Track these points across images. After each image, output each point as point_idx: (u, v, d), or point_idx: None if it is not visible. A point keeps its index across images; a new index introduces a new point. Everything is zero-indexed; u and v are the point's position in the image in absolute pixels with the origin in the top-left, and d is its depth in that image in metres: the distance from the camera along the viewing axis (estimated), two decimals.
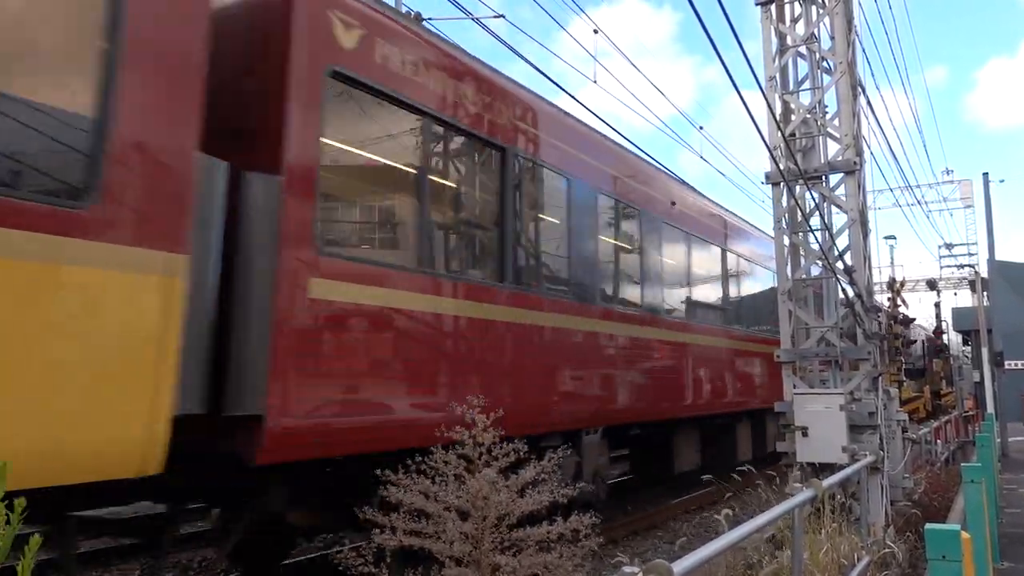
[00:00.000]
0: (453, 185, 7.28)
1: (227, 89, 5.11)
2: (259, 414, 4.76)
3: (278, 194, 5.01)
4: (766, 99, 8.11)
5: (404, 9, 9.53)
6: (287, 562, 7.36)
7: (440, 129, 6.89)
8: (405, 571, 4.79)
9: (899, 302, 27.20)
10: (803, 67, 9.73)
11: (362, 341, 5.62)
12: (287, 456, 4.99)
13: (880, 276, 30.91)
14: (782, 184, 9.15)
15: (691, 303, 11.71)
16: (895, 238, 37.53)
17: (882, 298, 26.54)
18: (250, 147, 5.18)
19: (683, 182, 12.03)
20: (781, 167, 8.88)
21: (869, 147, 11.81)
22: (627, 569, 2.69)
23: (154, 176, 4.13)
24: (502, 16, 10.80)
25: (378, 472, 4.77)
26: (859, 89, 9.72)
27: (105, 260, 3.84)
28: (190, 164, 4.32)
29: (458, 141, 7.24)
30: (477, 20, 10.42)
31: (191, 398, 4.34)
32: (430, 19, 11.29)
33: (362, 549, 4.52)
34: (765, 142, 7.40)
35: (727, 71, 4.07)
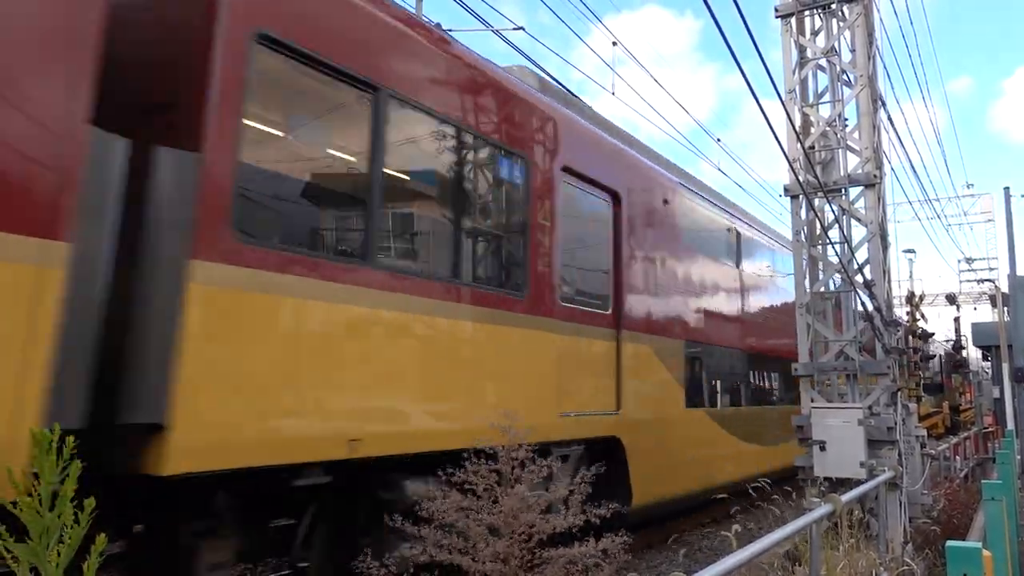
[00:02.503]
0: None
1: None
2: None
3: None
4: (786, 111, 8.10)
5: (425, 19, 9.60)
6: None
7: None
8: None
9: (918, 316, 26.96)
10: (823, 79, 9.72)
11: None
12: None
13: (899, 290, 30.68)
14: (801, 197, 9.11)
15: None
16: (914, 252, 37.32)
17: (901, 312, 26.32)
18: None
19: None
20: (800, 179, 8.85)
21: (889, 160, 11.78)
22: None
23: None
24: (521, 28, 10.85)
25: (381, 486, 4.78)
26: (879, 102, 9.69)
27: None
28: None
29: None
30: (497, 32, 10.48)
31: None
32: (450, 30, 11.35)
33: (385, 560, 4.51)
34: (785, 154, 7.39)
35: (748, 83, 4.07)
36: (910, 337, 24.05)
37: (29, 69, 3.64)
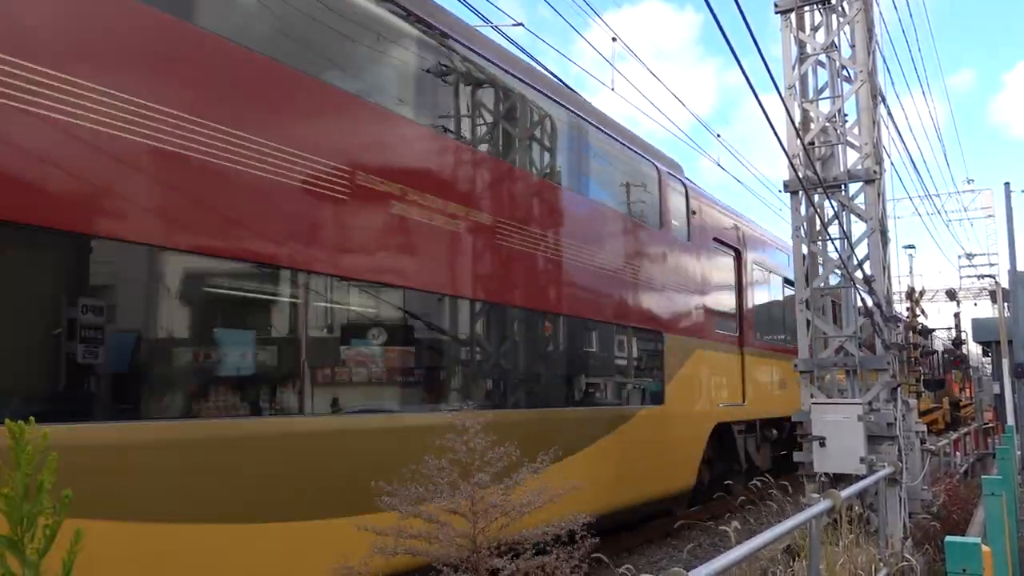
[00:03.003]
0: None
1: None
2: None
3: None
4: (786, 108, 8.10)
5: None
6: None
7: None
8: None
9: (918, 312, 26.96)
10: (823, 75, 9.70)
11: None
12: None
13: (899, 286, 30.68)
14: (800, 193, 9.11)
15: None
16: (915, 247, 37.32)
17: (901, 308, 26.33)
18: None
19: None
20: (800, 176, 8.84)
21: (889, 155, 11.76)
22: None
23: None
24: (521, 24, 10.82)
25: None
26: (879, 97, 9.67)
27: None
28: None
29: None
30: (497, 28, 10.43)
31: None
32: None
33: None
34: (784, 150, 7.38)
35: (747, 79, 4.06)
36: (910, 333, 24.10)
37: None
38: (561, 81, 10.16)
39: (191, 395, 5.23)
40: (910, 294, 27.85)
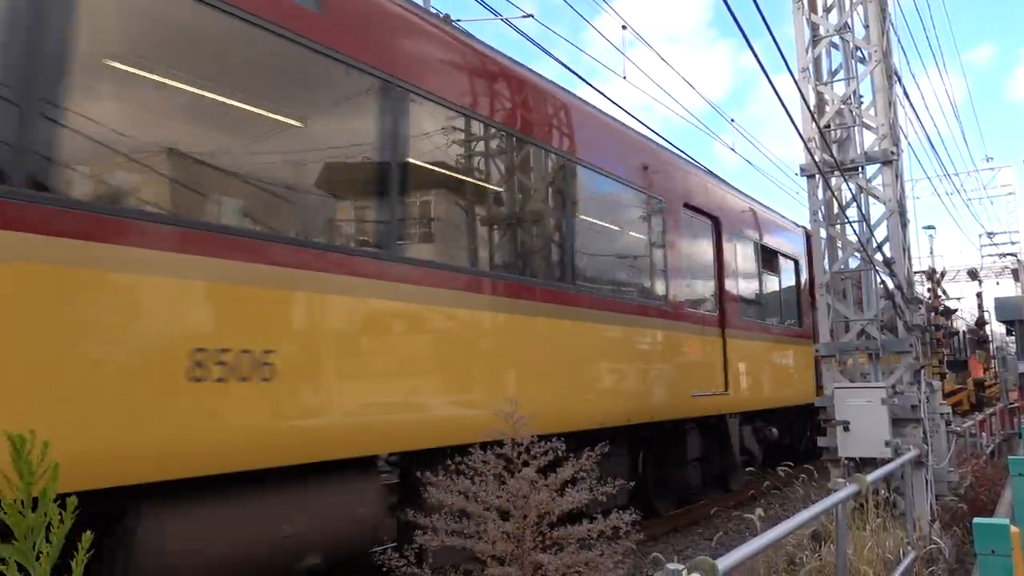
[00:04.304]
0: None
1: None
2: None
3: None
4: (800, 91, 8.03)
5: (433, 10, 9.58)
6: None
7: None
8: (448, 571, 4.82)
9: (940, 293, 26.71)
10: (836, 57, 9.61)
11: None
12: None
13: (920, 267, 30.39)
14: (817, 176, 9.04)
15: None
16: (934, 228, 36.88)
17: (922, 289, 26.08)
18: None
19: None
20: (816, 159, 8.78)
21: (906, 136, 11.62)
22: (671, 566, 2.70)
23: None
24: (531, 16, 10.80)
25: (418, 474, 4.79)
26: (895, 78, 9.58)
27: None
28: None
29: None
30: (507, 20, 10.44)
31: None
32: (459, 20, 11.32)
33: (404, 550, 4.56)
34: (800, 134, 7.32)
35: (760, 64, 4.04)
36: (932, 314, 23.88)
37: None
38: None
39: None
40: (931, 275, 27.60)
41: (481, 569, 4.44)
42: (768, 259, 13.90)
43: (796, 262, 15.24)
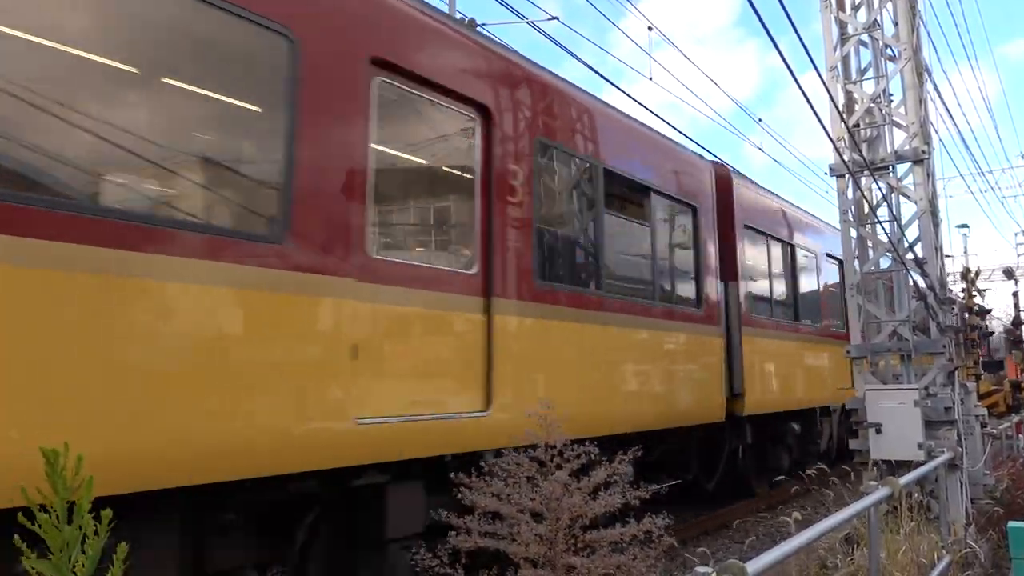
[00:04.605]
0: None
1: None
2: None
3: None
4: (828, 91, 7.95)
5: (459, 15, 9.63)
6: None
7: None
8: (480, 572, 4.85)
9: (974, 292, 26.27)
10: (866, 55, 9.51)
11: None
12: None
13: (953, 266, 29.92)
14: (847, 176, 8.95)
15: None
16: (968, 226, 36.29)
17: (956, 289, 25.67)
18: None
19: None
20: (845, 158, 8.69)
21: (938, 133, 11.48)
22: (700, 569, 2.70)
23: None
24: (556, 19, 10.81)
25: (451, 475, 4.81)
26: (925, 75, 9.46)
27: None
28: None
29: None
30: (532, 23, 10.44)
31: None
32: (484, 24, 11.36)
33: (438, 550, 4.59)
34: (828, 134, 7.26)
35: (787, 65, 4.02)
36: (966, 314, 23.48)
37: None
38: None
39: None
40: (965, 275, 27.16)
41: (514, 571, 4.46)
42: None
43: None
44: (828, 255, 14.41)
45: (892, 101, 9.20)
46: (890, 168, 9.02)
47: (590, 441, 4.91)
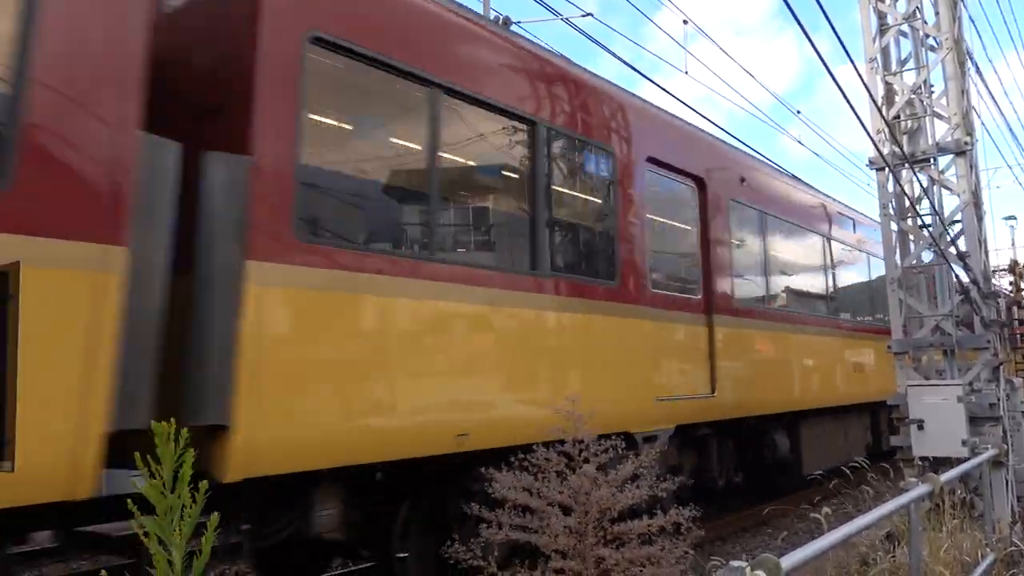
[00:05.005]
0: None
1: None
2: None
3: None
4: (865, 85, 7.84)
5: (493, 14, 9.68)
6: None
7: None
8: (512, 564, 4.91)
9: (1022, 286, 25.64)
10: (906, 45, 9.36)
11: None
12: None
13: (997, 259, 29.25)
14: (887, 169, 8.82)
15: None
16: (1015, 218, 35.35)
17: (1004, 283, 25.10)
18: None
19: None
20: (885, 151, 8.57)
21: (983, 123, 11.29)
22: (735, 563, 2.71)
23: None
24: (590, 15, 10.81)
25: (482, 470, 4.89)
26: (967, 64, 9.28)
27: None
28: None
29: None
30: (567, 20, 10.48)
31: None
32: (519, 22, 11.40)
33: (471, 544, 4.66)
34: (865, 128, 7.17)
35: (821, 59, 3.99)
36: (1014, 308, 22.92)
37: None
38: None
39: None
40: (1012, 268, 26.54)
41: (545, 562, 4.52)
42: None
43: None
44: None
45: (933, 92, 9.04)
46: (931, 160, 8.87)
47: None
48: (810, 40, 3.98)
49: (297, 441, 4.48)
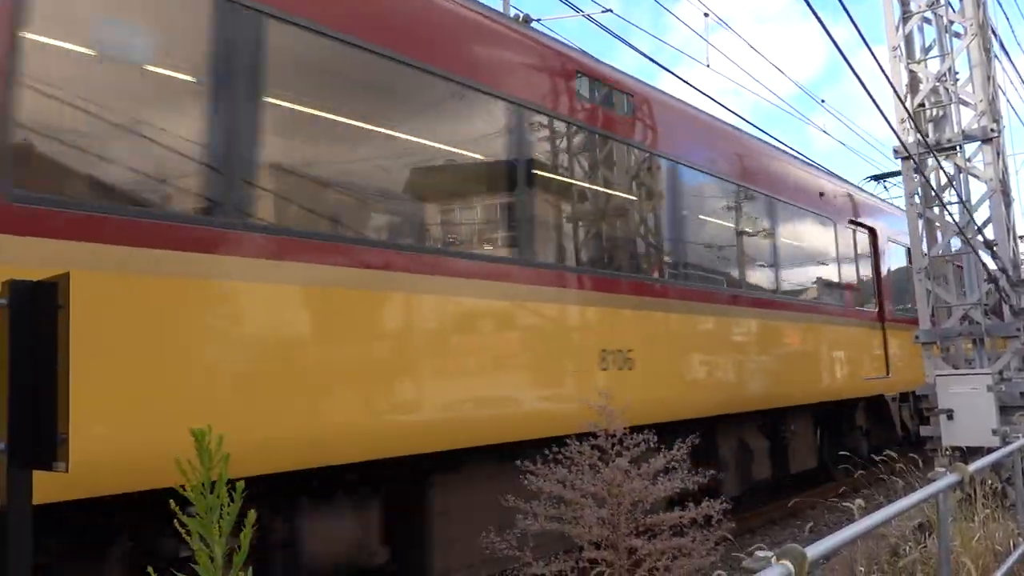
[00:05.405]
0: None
1: None
2: None
3: None
4: (886, 76, 7.80)
5: (513, 12, 9.73)
6: None
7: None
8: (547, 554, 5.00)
9: None
10: (930, 33, 9.28)
11: None
12: None
13: None
14: (911, 158, 8.76)
15: None
16: None
17: None
18: None
19: None
20: (909, 140, 8.52)
21: (1013, 108, 11.13)
22: (761, 553, 2.76)
23: None
24: (609, 11, 10.82)
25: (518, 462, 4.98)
26: (993, 49, 9.18)
27: None
28: None
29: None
30: (588, 16, 10.50)
31: None
32: (539, 19, 11.45)
33: (506, 534, 4.75)
34: (885, 119, 7.14)
35: (840, 51, 4.01)
36: None
37: None
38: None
39: None
40: None
41: (579, 552, 4.60)
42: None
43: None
44: None
45: (958, 79, 8.97)
46: (957, 148, 8.79)
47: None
48: (828, 33, 4.00)
49: None
